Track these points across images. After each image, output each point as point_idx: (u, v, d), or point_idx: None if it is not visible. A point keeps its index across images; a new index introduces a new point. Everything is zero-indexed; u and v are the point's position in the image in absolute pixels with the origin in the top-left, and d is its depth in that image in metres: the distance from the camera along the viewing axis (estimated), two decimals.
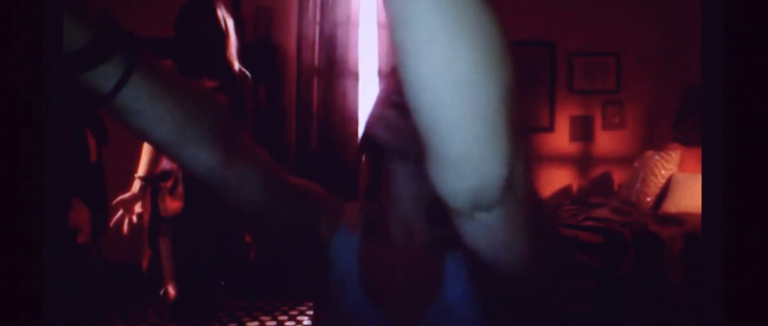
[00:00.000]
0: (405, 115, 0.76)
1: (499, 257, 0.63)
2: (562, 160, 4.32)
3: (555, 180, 4.31)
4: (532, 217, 0.60)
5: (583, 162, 4.39)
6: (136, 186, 2.28)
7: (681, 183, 3.50)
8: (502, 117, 0.48)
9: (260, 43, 3.90)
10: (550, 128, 4.31)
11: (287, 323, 3.25)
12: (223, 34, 2.20)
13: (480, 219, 0.55)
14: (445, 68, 0.44)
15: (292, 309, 3.45)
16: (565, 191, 4.29)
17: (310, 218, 0.83)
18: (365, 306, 0.80)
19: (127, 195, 2.26)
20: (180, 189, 2.22)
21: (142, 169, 2.29)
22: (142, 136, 0.63)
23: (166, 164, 2.25)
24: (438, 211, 0.58)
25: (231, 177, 0.69)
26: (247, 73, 2.30)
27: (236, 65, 2.25)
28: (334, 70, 3.94)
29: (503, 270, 0.65)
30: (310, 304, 3.62)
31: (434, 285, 0.77)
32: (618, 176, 4.29)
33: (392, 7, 0.43)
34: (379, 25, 4.00)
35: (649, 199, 3.65)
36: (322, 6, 3.91)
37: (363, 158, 0.89)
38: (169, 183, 2.24)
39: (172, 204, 2.23)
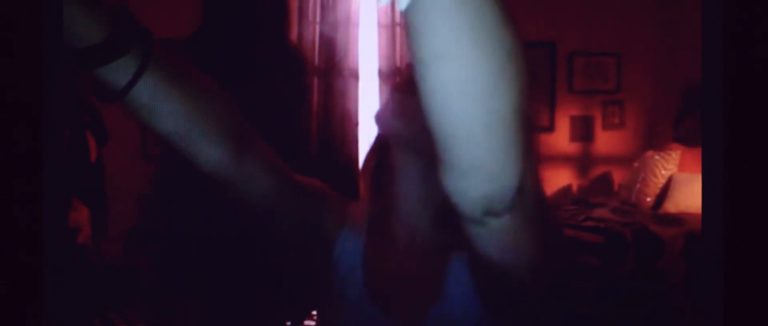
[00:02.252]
0: (415, 101, 0.76)
1: (506, 260, 0.64)
2: (562, 159, 4.32)
3: (555, 180, 4.30)
4: (540, 221, 0.61)
5: (583, 162, 4.38)
6: None
7: (681, 183, 3.50)
8: (516, 126, 0.48)
9: None
10: (550, 128, 4.31)
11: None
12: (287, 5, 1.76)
13: (490, 224, 0.56)
14: (461, 79, 0.44)
15: None
16: (565, 191, 4.29)
17: (315, 216, 0.83)
18: (367, 305, 0.80)
19: None
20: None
21: None
22: (150, 130, 0.63)
23: None
24: (444, 213, 0.59)
25: (239, 175, 0.70)
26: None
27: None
28: (334, 70, 3.93)
29: (509, 272, 0.65)
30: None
31: (437, 287, 0.77)
32: (618, 176, 4.28)
33: (410, 18, 0.43)
34: (379, 25, 4.00)
35: (649, 199, 3.65)
36: (322, 6, 3.91)
37: (368, 156, 0.88)
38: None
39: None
